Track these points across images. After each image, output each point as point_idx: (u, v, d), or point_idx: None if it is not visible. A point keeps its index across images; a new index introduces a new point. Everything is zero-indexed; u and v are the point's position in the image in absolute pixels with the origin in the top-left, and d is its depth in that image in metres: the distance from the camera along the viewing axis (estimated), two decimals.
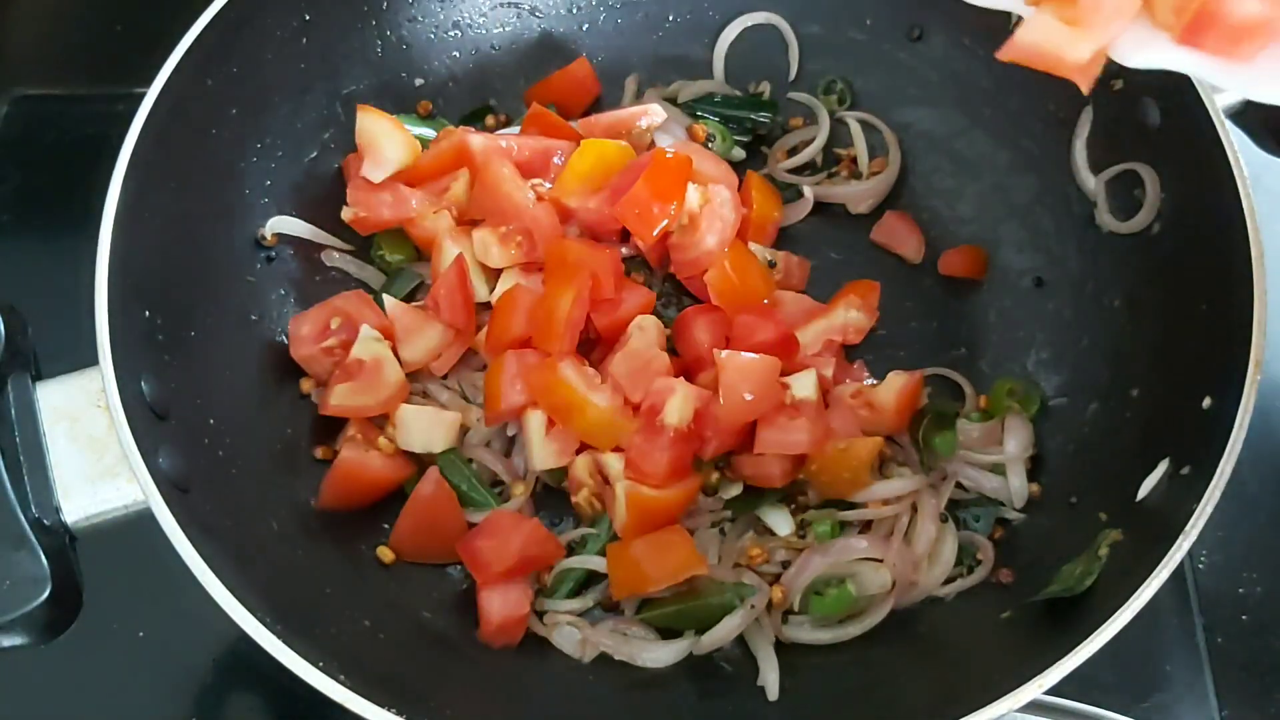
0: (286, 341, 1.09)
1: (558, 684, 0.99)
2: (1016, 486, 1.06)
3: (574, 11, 1.28)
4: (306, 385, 1.10)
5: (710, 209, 1.09)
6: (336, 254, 1.17)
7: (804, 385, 1.03)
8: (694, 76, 1.29)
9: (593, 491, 1.04)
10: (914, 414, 1.08)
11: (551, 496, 1.08)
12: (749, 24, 1.28)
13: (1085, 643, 0.79)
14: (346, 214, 1.14)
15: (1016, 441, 1.07)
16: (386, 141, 1.13)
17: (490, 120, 1.26)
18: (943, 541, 1.03)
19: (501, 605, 0.99)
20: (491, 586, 0.99)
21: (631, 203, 1.06)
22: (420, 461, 1.07)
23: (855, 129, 1.26)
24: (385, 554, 1.03)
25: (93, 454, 0.85)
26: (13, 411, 0.86)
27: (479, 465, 1.08)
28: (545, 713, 0.96)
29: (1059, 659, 0.79)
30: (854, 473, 1.02)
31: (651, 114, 1.20)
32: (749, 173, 1.21)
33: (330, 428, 1.08)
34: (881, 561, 1.00)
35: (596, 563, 1.03)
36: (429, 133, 1.19)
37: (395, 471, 1.06)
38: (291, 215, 1.13)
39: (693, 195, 1.09)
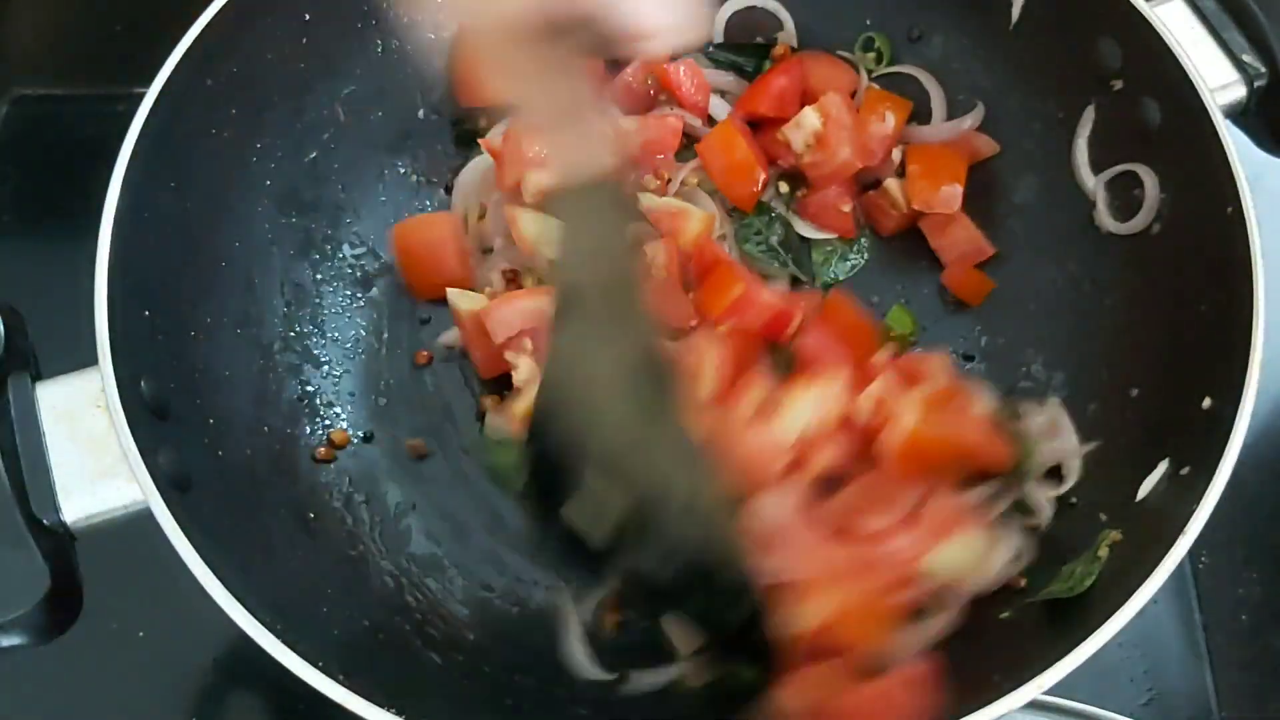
0: (286, 341, 1.10)
1: None
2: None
3: None
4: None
5: (833, 122, 1.11)
6: None
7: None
8: None
9: None
10: None
11: None
12: (745, 4, 1.25)
13: (1085, 643, 0.79)
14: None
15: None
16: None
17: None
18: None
19: None
20: None
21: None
22: None
23: None
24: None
25: (93, 454, 0.85)
26: (13, 411, 0.85)
27: None
28: (546, 714, 0.96)
29: (1059, 659, 0.79)
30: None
31: None
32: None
33: (330, 428, 1.09)
34: None
35: None
36: None
37: None
38: (291, 215, 1.13)
39: (811, 117, 1.10)
